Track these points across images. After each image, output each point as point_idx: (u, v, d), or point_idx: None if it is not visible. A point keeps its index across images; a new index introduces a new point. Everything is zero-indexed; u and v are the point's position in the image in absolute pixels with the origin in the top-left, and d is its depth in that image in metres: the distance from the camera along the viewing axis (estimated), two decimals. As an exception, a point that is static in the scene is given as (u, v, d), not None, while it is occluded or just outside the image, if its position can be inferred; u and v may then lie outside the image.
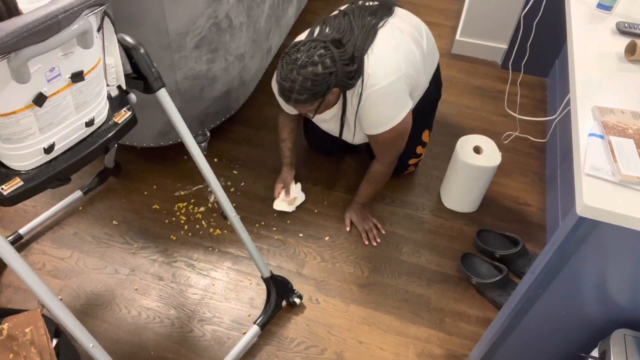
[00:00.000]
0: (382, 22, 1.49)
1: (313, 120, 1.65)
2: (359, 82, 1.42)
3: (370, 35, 1.44)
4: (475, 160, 1.65)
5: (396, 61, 1.44)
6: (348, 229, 1.74)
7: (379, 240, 1.71)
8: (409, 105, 1.51)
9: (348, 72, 1.37)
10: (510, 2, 2.23)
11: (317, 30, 1.47)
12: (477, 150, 1.69)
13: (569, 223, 0.86)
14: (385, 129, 1.49)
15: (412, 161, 1.81)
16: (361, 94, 1.43)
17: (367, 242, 1.71)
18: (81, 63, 0.92)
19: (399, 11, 1.58)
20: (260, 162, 1.96)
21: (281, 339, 1.45)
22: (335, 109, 1.54)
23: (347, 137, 1.64)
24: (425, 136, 1.79)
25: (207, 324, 1.48)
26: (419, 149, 1.79)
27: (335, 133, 1.64)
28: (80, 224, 1.73)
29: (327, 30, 1.46)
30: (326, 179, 1.90)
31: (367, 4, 1.55)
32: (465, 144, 1.70)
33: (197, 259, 1.64)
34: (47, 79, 0.87)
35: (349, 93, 1.46)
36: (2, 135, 0.87)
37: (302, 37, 1.49)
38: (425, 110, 1.71)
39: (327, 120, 1.62)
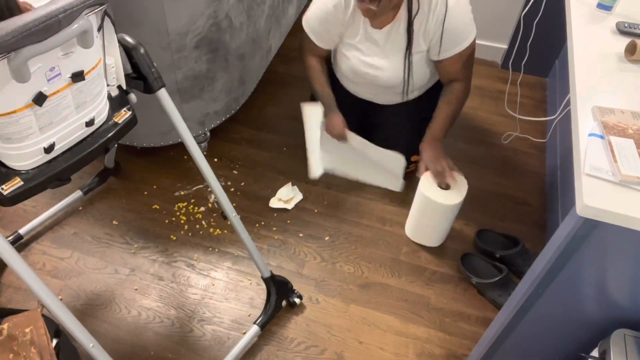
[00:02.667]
0: None
1: (364, 61, 1.65)
2: None
3: None
4: (436, 197, 1.54)
5: None
6: (422, 172, 1.58)
7: (453, 179, 1.55)
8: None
9: None
10: (510, 2, 2.23)
11: None
12: (443, 185, 1.57)
13: (569, 223, 0.86)
14: (468, 42, 1.53)
15: (414, 158, 1.81)
16: (447, 4, 1.45)
17: (442, 186, 1.56)
18: (81, 63, 0.92)
19: None
20: (260, 162, 1.96)
21: (281, 339, 1.45)
22: (387, 33, 1.56)
23: (417, 66, 1.61)
24: None
25: (207, 324, 1.48)
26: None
27: (391, 73, 1.63)
28: (80, 224, 1.73)
29: None
30: (326, 179, 1.90)
31: None
32: (431, 177, 1.58)
33: (197, 259, 1.64)
34: (47, 79, 0.87)
35: (423, 6, 1.47)
36: (2, 135, 0.87)
37: None
38: (432, 107, 1.72)
39: (382, 52, 1.62)
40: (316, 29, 1.67)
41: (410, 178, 1.90)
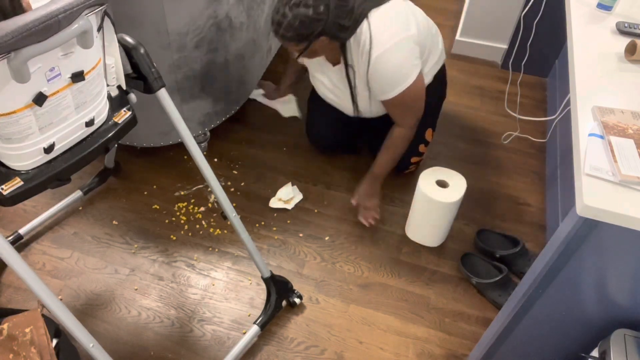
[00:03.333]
0: None
1: (324, 92, 1.71)
2: (366, 43, 1.42)
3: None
4: (435, 195, 1.55)
5: (402, 21, 1.44)
6: (354, 202, 1.71)
7: (372, 222, 1.70)
8: (418, 67, 1.50)
9: (340, 24, 1.38)
10: (510, 2, 2.23)
11: None
12: (441, 184, 1.59)
13: (569, 223, 0.86)
14: (397, 92, 1.48)
15: (414, 159, 1.82)
16: (370, 55, 1.43)
17: (363, 221, 1.72)
18: (81, 63, 0.92)
19: None
20: (260, 162, 1.96)
21: (281, 339, 1.45)
22: (338, 71, 1.58)
23: (363, 105, 1.64)
24: (428, 135, 1.79)
25: (207, 324, 1.48)
26: (421, 148, 1.79)
27: (347, 105, 1.67)
28: (80, 224, 1.73)
29: None
30: (326, 179, 1.91)
31: None
32: (429, 176, 1.60)
33: (197, 259, 1.64)
34: (47, 79, 0.87)
35: (355, 54, 1.46)
36: (2, 135, 0.87)
37: None
38: (429, 109, 1.71)
39: (336, 88, 1.65)
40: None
41: (410, 177, 1.90)
